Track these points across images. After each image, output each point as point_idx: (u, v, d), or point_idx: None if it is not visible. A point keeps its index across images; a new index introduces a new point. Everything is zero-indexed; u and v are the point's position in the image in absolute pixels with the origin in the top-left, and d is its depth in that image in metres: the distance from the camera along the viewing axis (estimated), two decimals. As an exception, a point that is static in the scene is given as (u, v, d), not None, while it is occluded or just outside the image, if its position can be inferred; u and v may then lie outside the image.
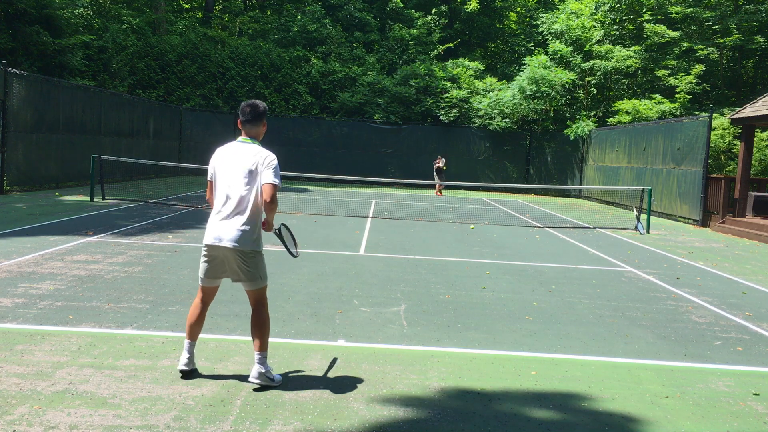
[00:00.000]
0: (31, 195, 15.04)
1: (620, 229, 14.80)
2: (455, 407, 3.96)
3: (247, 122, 4.14)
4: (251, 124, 4.15)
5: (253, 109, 4.13)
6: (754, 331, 6.22)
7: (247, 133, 4.16)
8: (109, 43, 24.42)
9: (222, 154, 4.13)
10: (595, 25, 27.39)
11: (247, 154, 4.03)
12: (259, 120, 4.15)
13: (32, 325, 5.13)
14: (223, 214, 4.02)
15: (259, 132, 4.19)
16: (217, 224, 4.03)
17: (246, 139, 4.14)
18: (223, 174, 4.06)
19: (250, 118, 4.13)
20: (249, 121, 4.14)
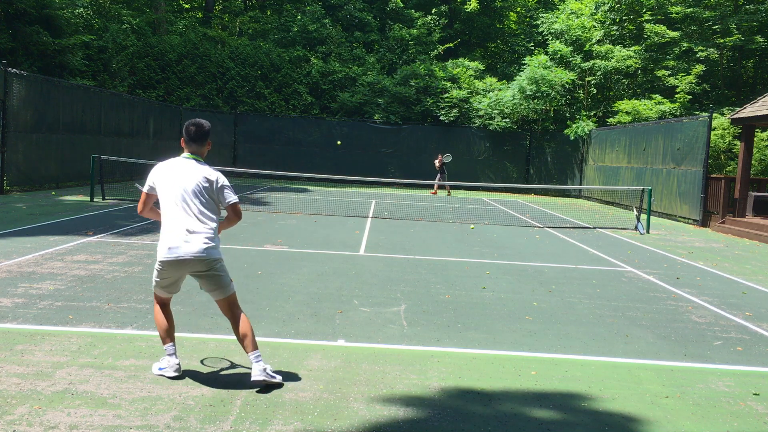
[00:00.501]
0: (31, 195, 15.05)
1: (620, 229, 14.80)
2: (455, 407, 3.96)
3: (192, 141, 4.19)
4: (197, 144, 4.20)
5: (198, 128, 4.20)
6: (754, 331, 6.23)
7: (193, 151, 4.21)
8: (109, 43, 24.42)
9: (167, 170, 4.13)
10: (595, 25, 27.39)
11: (198, 171, 4.10)
12: (204, 139, 4.23)
13: (32, 325, 5.14)
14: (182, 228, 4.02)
15: (203, 151, 4.26)
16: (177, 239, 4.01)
17: (191, 155, 4.19)
18: (173, 190, 4.06)
19: (195, 137, 4.19)
20: (194, 141, 4.19)
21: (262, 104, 28.24)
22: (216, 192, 4.10)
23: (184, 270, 4.07)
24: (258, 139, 27.53)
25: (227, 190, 4.12)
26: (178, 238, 4.00)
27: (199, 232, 4.02)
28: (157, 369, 4.21)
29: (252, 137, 27.57)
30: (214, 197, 4.11)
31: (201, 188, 4.06)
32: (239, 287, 6.80)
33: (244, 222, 12.27)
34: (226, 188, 4.12)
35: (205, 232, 4.04)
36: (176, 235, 4.01)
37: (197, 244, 4.00)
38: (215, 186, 4.10)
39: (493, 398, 4.14)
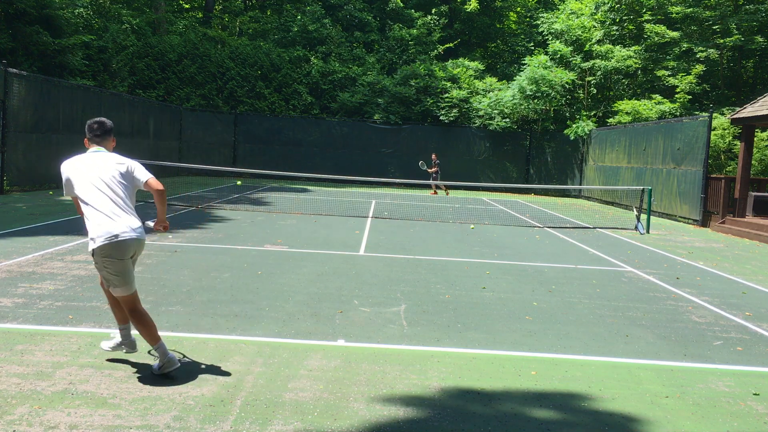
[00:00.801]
0: (31, 195, 15.05)
1: (620, 229, 14.80)
2: (455, 407, 3.96)
3: (96, 137, 4.34)
4: (101, 139, 4.35)
5: (100, 125, 4.36)
6: (754, 331, 6.23)
7: (100, 144, 4.35)
8: (109, 43, 24.43)
9: (79, 164, 4.20)
10: (595, 25, 27.39)
11: (110, 160, 4.25)
12: (108, 135, 4.38)
13: (32, 325, 5.14)
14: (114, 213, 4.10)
15: (109, 146, 4.40)
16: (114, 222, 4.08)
17: (99, 149, 4.33)
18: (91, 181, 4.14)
19: (99, 134, 4.34)
20: (99, 137, 4.34)
21: (262, 104, 28.25)
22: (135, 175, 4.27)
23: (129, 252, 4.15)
24: (258, 139, 27.53)
25: (140, 170, 4.30)
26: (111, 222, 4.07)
27: (131, 215, 4.19)
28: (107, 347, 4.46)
29: (252, 137, 27.56)
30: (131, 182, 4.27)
31: (120, 174, 4.21)
32: (239, 287, 6.80)
33: (245, 222, 12.28)
34: (139, 169, 4.30)
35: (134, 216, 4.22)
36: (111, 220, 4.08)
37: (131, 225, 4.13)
38: (131, 170, 4.28)
39: (493, 398, 4.14)
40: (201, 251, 8.82)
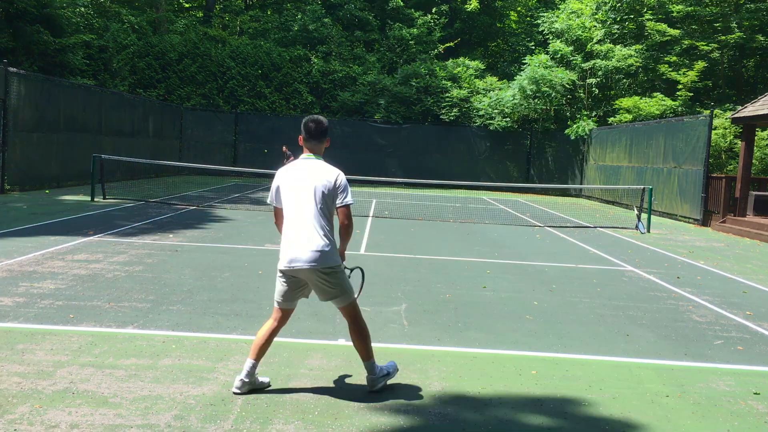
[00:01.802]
0: (31, 194, 15.05)
1: (621, 228, 14.79)
2: (456, 407, 3.96)
3: (312, 138, 4.08)
4: (316, 141, 4.09)
5: (317, 125, 4.07)
6: (755, 331, 6.22)
7: (312, 149, 4.11)
8: (110, 43, 24.43)
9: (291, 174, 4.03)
10: (595, 24, 27.37)
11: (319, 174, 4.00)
12: (323, 137, 4.12)
13: (33, 324, 5.14)
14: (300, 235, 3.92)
15: (322, 148, 4.15)
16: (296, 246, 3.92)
17: (310, 156, 4.10)
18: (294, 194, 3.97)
19: (315, 134, 4.08)
20: (315, 138, 4.08)
21: (262, 103, 28.25)
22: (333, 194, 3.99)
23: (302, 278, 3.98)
24: (258, 138, 27.53)
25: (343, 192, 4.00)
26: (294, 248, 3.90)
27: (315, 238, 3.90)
28: None
29: (252, 136, 27.56)
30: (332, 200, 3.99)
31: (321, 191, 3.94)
32: (240, 286, 6.81)
33: (245, 221, 12.28)
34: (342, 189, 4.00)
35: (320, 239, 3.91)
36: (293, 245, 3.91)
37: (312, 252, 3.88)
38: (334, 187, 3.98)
39: (493, 398, 4.14)
40: (202, 250, 8.83)
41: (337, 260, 4.00)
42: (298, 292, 4.08)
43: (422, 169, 26.98)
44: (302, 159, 4.09)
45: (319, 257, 3.88)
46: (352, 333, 4.12)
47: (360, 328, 4.10)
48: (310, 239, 3.89)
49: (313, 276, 3.93)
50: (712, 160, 19.26)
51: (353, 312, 4.10)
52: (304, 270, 3.90)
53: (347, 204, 4.01)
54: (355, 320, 4.10)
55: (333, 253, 3.97)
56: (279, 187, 4.06)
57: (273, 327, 4.08)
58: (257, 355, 4.00)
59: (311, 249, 3.88)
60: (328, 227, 3.98)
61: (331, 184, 3.96)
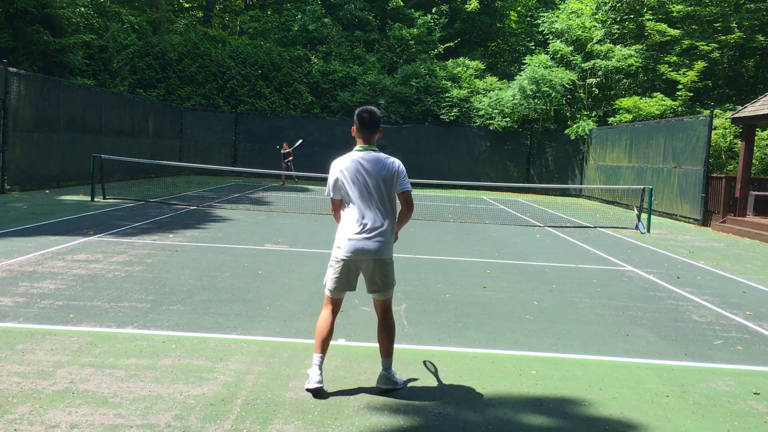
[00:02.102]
0: (31, 194, 15.05)
1: (621, 228, 14.79)
2: (455, 406, 3.96)
3: (366, 129, 4.13)
4: (370, 132, 4.14)
5: (371, 115, 4.13)
6: (755, 331, 6.22)
7: (366, 140, 4.16)
8: (110, 43, 24.43)
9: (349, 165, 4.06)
10: (595, 24, 27.38)
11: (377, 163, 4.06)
12: (377, 127, 4.18)
13: (33, 324, 5.14)
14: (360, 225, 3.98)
15: (375, 139, 4.20)
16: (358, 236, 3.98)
17: (364, 146, 4.14)
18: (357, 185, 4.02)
19: (369, 125, 4.13)
20: (368, 129, 4.13)
21: (262, 103, 28.25)
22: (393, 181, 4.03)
23: (360, 268, 4.03)
24: (258, 138, 27.53)
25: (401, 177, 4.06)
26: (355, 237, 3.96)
27: (375, 228, 3.97)
28: None
29: (252, 136, 27.57)
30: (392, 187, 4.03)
31: (382, 178, 4.00)
32: (240, 286, 6.81)
33: (245, 221, 12.29)
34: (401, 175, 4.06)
35: (381, 228, 3.98)
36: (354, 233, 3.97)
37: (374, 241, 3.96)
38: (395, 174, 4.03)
39: (493, 398, 4.14)
40: (201, 250, 8.83)
41: (392, 253, 4.09)
42: (353, 281, 4.13)
43: (422, 169, 26.94)
44: (357, 150, 4.12)
45: (383, 248, 3.99)
46: (382, 327, 4.17)
47: (390, 323, 4.17)
48: (376, 229, 3.97)
49: (373, 266, 4.00)
50: (712, 160, 19.26)
51: (388, 307, 4.17)
52: (368, 260, 3.97)
53: (408, 189, 4.07)
54: (387, 315, 4.17)
55: (391, 245, 4.09)
56: (338, 178, 4.09)
57: (331, 318, 4.13)
58: (323, 348, 4.07)
59: (377, 239, 3.96)
60: (391, 217, 4.05)
61: (392, 172, 4.03)
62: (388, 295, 4.14)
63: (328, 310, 4.15)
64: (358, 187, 4.01)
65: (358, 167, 4.04)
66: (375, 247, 3.96)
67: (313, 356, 4.07)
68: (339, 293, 4.15)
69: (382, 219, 4.00)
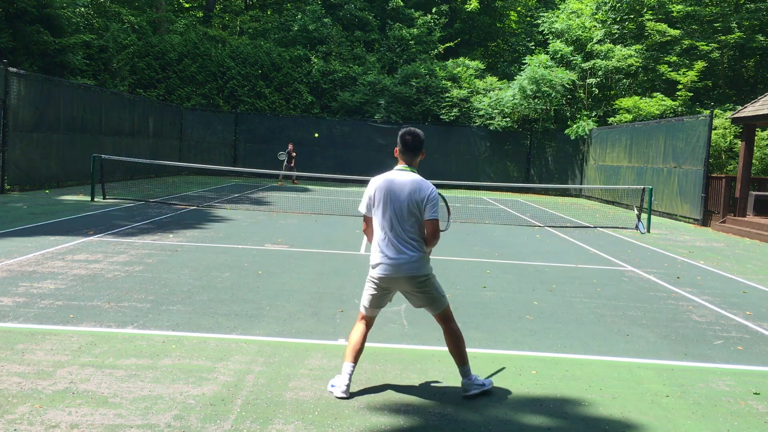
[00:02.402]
0: (31, 194, 15.05)
1: (621, 228, 14.79)
2: (455, 406, 3.97)
3: (409, 151, 4.16)
4: (412, 154, 4.17)
5: (414, 138, 4.15)
6: (755, 331, 6.22)
7: (408, 161, 4.17)
8: (110, 43, 24.42)
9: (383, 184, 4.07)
10: (595, 24, 27.38)
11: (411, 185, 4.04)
12: (419, 150, 4.19)
13: (33, 324, 5.14)
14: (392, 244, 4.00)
15: (416, 161, 4.22)
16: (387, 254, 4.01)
17: (405, 167, 4.16)
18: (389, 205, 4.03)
19: (411, 148, 4.15)
20: (411, 151, 4.16)
21: (262, 103, 28.25)
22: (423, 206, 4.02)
23: (393, 287, 4.07)
24: (258, 138, 27.54)
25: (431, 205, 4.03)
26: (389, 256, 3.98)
27: (407, 248, 3.99)
28: (330, 385, 4.09)
29: (252, 136, 27.57)
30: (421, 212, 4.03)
31: (415, 202, 3.99)
32: (240, 286, 6.81)
33: (245, 221, 12.29)
34: (431, 203, 4.03)
35: (413, 248, 4.00)
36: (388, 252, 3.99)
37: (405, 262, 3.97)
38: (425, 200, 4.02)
39: (493, 398, 4.14)
40: (201, 250, 8.83)
41: (430, 269, 4.11)
42: (385, 299, 4.16)
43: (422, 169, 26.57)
44: (397, 170, 4.14)
45: (415, 267, 3.98)
46: (448, 338, 4.19)
47: (454, 333, 4.17)
48: (408, 249, 3.99)
49: (408, 285, 4.03)
50: (712, 160, 19.26)
51: (447, 317, 4.18)
52: (400, 279, 3.99)
53: (435, 218, 4.03)
54: (449, 326, 4.18)
55: (426, 262, 4.08)
56: (371, 197, 4.11)
57: (365, 331, 4.18)
58: (355, 358, 4.09)
59: (409, 259, 3.98)
60: (420, 238, 4.05)
61: (422, 197, 4.00)
62: (441, 308, 4.12)
63: (362, 324, 4.18)
64: (389, 207, 4.02)
65: (392, 187, 4.04)
66: (410, 267, 3.97)
67: (344, 365, 4.07)
68: (373, 311, 4.18)
69: (411, 240, 4.00)
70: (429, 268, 4.09)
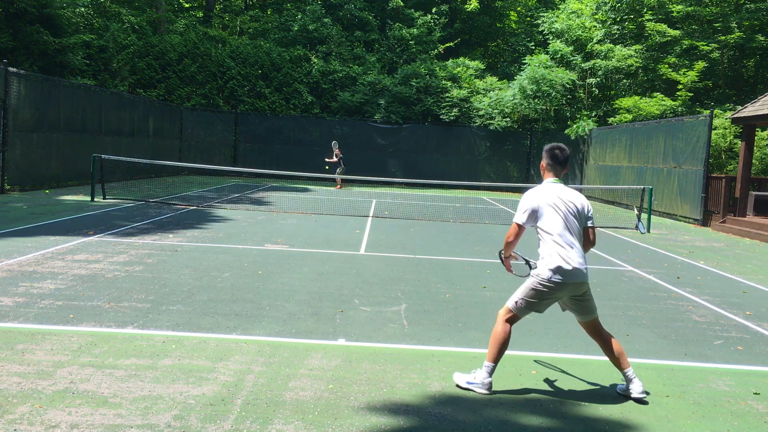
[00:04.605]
0: (31, 194, 15.05)
1: (621, 228, 14.79)
2: (455, 407, 3.97)
3: (558, 164, 4.42)
4: (561, 168, 4.44)
5: (562, 152, 4.42)
6: (755, 331, 6.22)
7: (557, 174, 4.43)
8: (110, 43, 24.42)
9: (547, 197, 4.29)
10: (595, 24, 27.38)
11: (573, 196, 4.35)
12: (566, 163, 4.47)
13: (33, 324, 5.14)
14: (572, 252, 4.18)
15: (562, 174, 4.47)
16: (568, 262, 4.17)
17: (557, 180, 4.42)
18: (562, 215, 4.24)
19: (562, 161, 4.42)
20: (561, 164, 4.43)
21: (262, 103, 28.25)
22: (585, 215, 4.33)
23: (564, 292, 4.21)
24: (258, 138, 27.54)
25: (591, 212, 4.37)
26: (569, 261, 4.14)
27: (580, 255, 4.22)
28: (465, 381, 4.24)
29: (252, 136, 27.58)
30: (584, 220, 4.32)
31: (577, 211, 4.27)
32: (240, 286, 6.81)
33: (245, 221, 12.29)
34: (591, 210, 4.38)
35: (583, 255, 4.24)
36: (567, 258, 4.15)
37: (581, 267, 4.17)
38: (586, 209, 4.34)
39: (492, 398, 4.14)
40: (201, 250, 8.83)
41: None
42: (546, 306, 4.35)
43: (422, 169, 27.00)
44: (551, 183, 4.39)
45: (587, 272, 4.22)
46: (603, 347, 4.32)
47: (607, 340, 4.30)
48: (581, 256, 4.22)
49: (579, 290, 4.21)
50: (712, 160, 19.26)
51: (596, 326, 4.34)
52: (577, 284, 4.18)
53: (595, 226, 4.41)
54: (600, 334, 4.33)
55: None
56: (535, 209, 4.29)
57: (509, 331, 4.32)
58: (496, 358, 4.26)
59: (583, 265, 4.20)
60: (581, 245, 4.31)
61: (585, 207, 4.33)
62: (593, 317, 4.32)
63: (509, 326, 4.31)
64: (566, 218, 4.24)
65: (562, 200, 4.27)
66: (584, 273, 4.17)
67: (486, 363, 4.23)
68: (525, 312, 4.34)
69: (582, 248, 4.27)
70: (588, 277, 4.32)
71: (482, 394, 4.16)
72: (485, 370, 4.21)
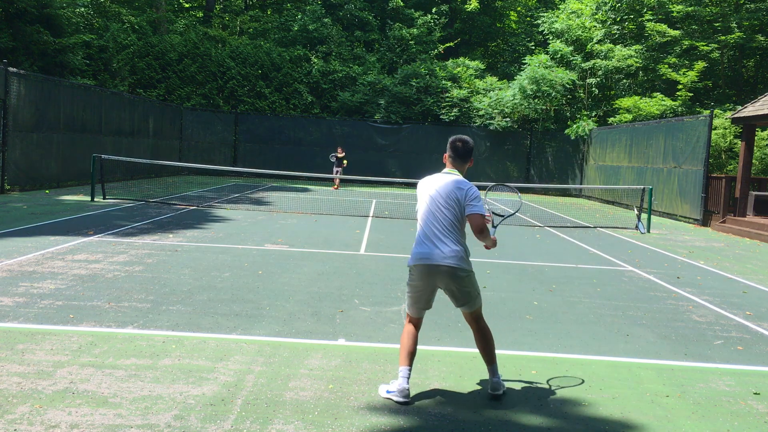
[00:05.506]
0: (31, 194, 15.05)
1: (621, 228, 14.79)
2: (455, 407, 3.96)
3: (458, 157, 4.26)
4: (461, 161, 4.28)
5: (464, 145, 4.27)
6: (755, 331, 6.22)
7: (455, 166, 4.27)
8: (110, 43, 24.43)
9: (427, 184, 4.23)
10: (595, 24, 27.38)
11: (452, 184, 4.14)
12: (468, 157, 4.30)
13: (33, 324, 5.14)
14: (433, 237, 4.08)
15: (464, 168, 4.31)
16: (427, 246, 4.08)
17: (452, 171, 4.25)
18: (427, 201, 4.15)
19: (461, 154, 4.26)
20: (460, 157, 4.27)
21: (262, 103, 28.25)
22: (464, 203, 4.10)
23: (431, 280, 4.07)
24: (258, 138, 27.54)
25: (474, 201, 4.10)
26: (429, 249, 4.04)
27: (448, 241, 4.05)
28: (385, 391, 4.05)
29: (252, 136, 27.57)
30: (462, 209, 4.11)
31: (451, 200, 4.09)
32: (240, 286, 6.81)
33: (245, 221, 12.29)
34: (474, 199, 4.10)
35: (453, 243, 4.05)
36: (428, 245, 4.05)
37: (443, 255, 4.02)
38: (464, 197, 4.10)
39: (493, 398, 4.14)
40: (201, 250, 8.83)
41: (470, 266, 4.12)
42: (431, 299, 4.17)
43: (422, 169, 26.91)
44: (442, 173, 4.25)
45: (455, 263, 4.02)
46: (478, 338, 4.22)
47: (484, 333, 4.21)
48: (447, 244, 4.04)
49: (450, 280, 4.04)
50: (712, 160, 19.26)
51: (478, 318, 4.22)
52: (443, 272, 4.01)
53: (475, 213, 4.08)
54: (480, 326, 4.22)
55: (466, 258, 4.11)
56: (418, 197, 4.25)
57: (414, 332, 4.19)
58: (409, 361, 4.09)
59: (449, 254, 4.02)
60: (459, 236, 4.12)
61: (464, 196, 4.09)
62: (474, 308, 4.17)
63: (411, 326, 4.20)
64: (429, 205, 4.12)
65: (433, 188, 4.16)
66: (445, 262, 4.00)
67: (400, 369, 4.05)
68: (414, 310, 4.19)
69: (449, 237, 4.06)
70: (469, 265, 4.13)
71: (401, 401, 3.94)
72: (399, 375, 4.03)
